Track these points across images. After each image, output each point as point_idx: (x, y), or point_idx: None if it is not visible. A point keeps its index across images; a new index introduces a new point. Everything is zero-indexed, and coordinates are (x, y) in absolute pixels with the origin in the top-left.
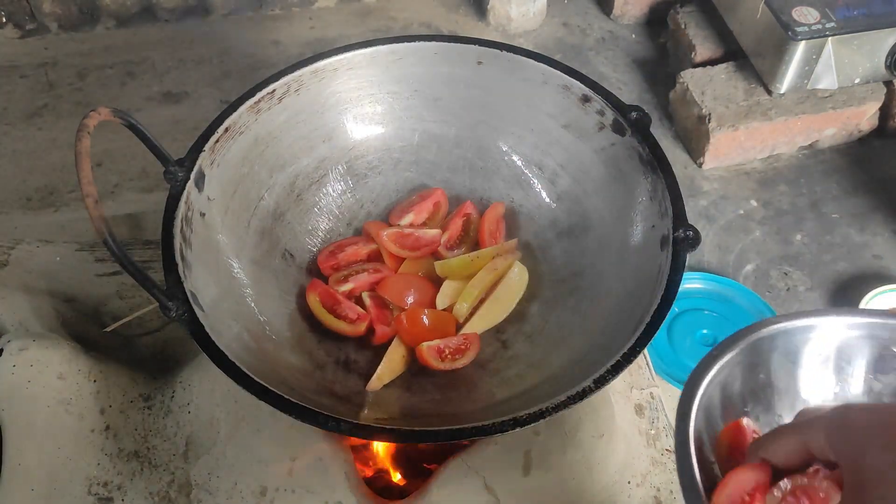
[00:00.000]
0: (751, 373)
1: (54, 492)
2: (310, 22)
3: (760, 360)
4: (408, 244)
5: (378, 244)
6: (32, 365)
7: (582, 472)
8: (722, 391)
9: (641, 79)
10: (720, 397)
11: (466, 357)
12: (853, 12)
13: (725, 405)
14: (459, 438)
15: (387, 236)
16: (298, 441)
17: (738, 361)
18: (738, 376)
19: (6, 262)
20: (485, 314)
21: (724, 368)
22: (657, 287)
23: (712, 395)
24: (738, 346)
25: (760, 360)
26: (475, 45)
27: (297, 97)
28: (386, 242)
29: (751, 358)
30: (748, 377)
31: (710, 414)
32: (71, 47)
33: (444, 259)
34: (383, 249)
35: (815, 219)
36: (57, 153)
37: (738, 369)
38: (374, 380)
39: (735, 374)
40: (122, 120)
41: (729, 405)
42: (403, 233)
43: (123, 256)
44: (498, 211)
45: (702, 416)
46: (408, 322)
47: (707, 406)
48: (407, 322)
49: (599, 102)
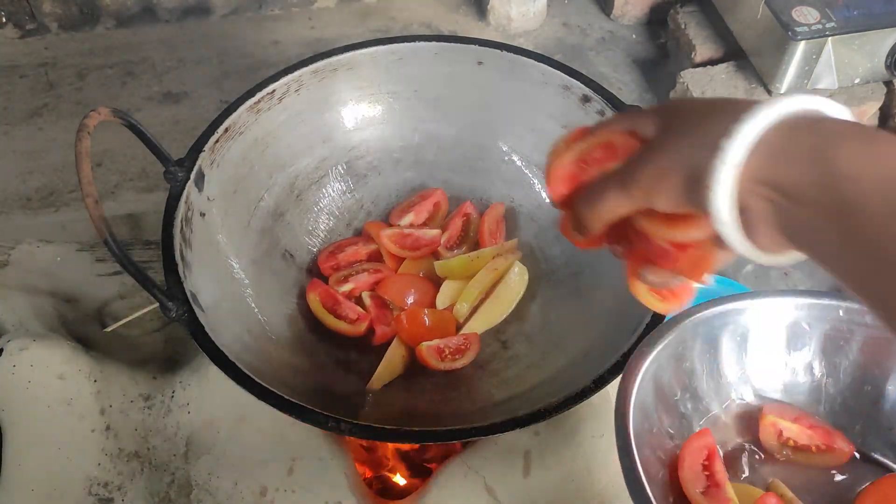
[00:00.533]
0: (678, 363)
1: (54, 492)
2: (310, 22)
3: (685, 349)
4: (408, 244)
5: (378, 244)
6: (32, 365)
7: (582, 472)
8: (655, 384)
9: (641, 79)
10: (654, 390)
11: (466, 357)
12: (853, 12)
13: (659, 397)
14: (459, 438)
15: (387, 236)
16: (298, 441)
17: (666, 353)
18: (668, 368)
19: (6, 262)
20: (485, 314)
21: (654, 362)
22: None
23: (646, 389)
24: (665, 337)
25: (685, 350)
26: (475, 45)
27: (297, 97)
28: (386, 243)
29: (677, 349)
30: (676, 368)
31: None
32: (71, 47)
33: (444, 259)
34: (383, 249)
35: None
36: (57, 153)
37: (666, 361)
38: (374, 380)
39: (665, 365)
40: (122, 120)
41: (662, 396)
42: (403, 233)
43: (123, 256)
44: (498, 211)
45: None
46: (407, 322)
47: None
48: (407, 322)
49: (599, 102)
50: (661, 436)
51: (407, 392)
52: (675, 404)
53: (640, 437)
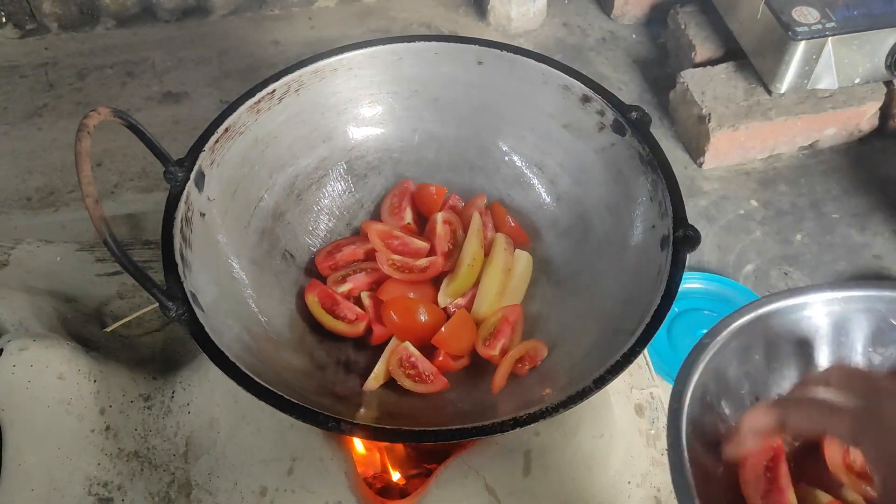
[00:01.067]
0: (745, 355)
1: (54, 492)
2: (310, 22)
3: (753, 341)
4: (395, 247)
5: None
6: (32, 365)
7: (582, 472)
8: (717, 377)
9: (641, 79)
10: (715, 383)
11: (435, 384)
12: (853, 12)
13: (722, 390)
14: (459, 438)
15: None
16: (298, 441)
17: (731, 346)
18: (732, 360)
19: (6, 262)
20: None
21: (717, 355)
22: (657, 287)
23: (707, 383)
24: (727, 330)
25: (753, 342)
26: (475, 45)
27: (297, 97)
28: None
29: (743, 341)
30: (743, 359)
31: (705, 402)
32: (71, 47)
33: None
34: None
35: (815, 219)
36: (57, 153)
37: (731, 354)
38: (371, 380)
39: (728, 358)
40: (122, 120)
41: (726, 389)
42: (392, 233)
43: (123, 256)
44: (478, 204)
45: (696, 405)
46: (398, 317)
47: (702, 395)
48: (398, 318)
49: (599, 102)
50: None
51: (406, 392)
52: (741, 398)
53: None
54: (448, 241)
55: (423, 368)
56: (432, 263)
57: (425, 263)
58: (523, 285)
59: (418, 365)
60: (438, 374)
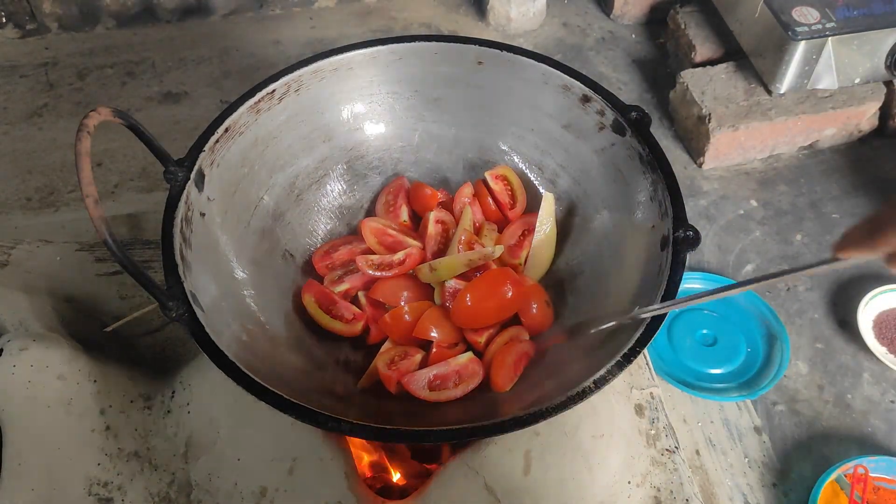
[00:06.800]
0: None
1: (54, 492)
2: (310, 22)
3: None
4: (387, 243)
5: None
6: (32, 365)
7: (582, 472)
8: None
9: (641, 79)
10: None
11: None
12: (853, 12)
13: None
14: (459, 438)
15: (371, 230)
16: (298, 441)
17: None
18: None
19: (6, 262)
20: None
21: None
22: (657, 287)
23: None
24: None
25: None
26: (475, 45)
27: (297, 97)
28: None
29: None
30: None
31: None
32: (71, 47)
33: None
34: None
35: (815, 219)
36: (57, 153)
37: None
38: (365, 378)
39: None
40: (123, 120)
41: None
42: (386, 231)
43: (123, 256)
44: (465, 193)
45: None
46: (391, 321)
47: None
48: (391, 321)
49: (599, 102)
50: None
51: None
52: None
53: None
54: (438, 242)
55: (342, 308)
56: (408, 255)
57: (401, 257)
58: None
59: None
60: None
